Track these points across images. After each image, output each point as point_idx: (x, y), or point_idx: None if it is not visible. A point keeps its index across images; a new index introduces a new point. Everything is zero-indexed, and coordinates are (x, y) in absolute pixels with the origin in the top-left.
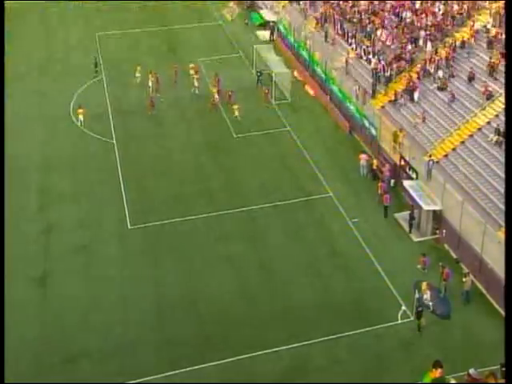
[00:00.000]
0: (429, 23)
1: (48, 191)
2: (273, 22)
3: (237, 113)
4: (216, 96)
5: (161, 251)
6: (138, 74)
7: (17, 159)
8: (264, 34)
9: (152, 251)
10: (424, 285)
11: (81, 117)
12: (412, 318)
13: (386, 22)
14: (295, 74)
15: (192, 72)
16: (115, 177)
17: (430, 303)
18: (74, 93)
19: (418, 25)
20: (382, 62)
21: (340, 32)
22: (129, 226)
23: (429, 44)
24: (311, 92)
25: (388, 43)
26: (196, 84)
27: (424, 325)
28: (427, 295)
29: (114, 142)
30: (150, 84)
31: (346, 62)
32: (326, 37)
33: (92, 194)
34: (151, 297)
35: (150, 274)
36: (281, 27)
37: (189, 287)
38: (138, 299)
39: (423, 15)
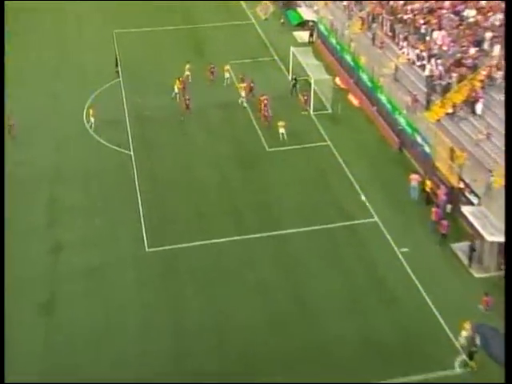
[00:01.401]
0: (497, 23)
1: (58, 205)
2: (312, 21)
3: (282, 130)
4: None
5: (181, 277)
6: (187, 72)
7: (25, 168)
8: (302, 36)
9: (171, 276)
10: (468, 325)
11: (92, 119)
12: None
13: (444, 21)
14: (337, 81)
15: (227, 75)
16: (132, 192)
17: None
18: (88, 97)
19: (484, 25)
20: (439, 69)
21: (390, 33)
22: (146, 248)
23: (496, 47)
24: (355, 102)
25: (446, 47)
26: (243, 94)
27: (475, 367)
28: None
29: (132, 152)
30: (176, 90)
31: (396, 68)
32: (373, 39)
33: (106, 210)
34: (170, 327)
35: (169, 302)
36: (321, 28)
37: (212, 317)
38: (156, 329)
39: (490, 13)
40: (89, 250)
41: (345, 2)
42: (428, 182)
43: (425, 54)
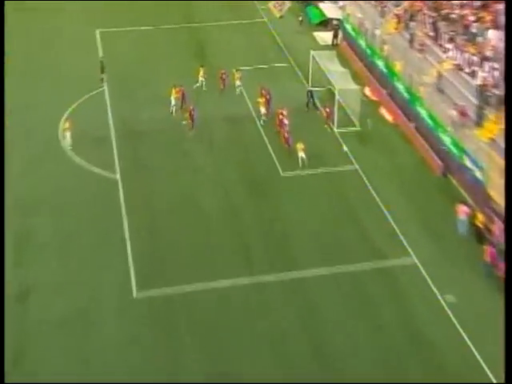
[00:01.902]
0: None
1: (27, 240)
2: (337, 20)
3: (302, 154)
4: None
5: (178, 330)
6: (201, 79)
7: None
8: (324, 37)
9: (165, 328)
10: None
11: (68, 134)
12: None
13: (500, 18)
14: (367, 91)
15: (238, 83)
16: (118, 224)
17: None
18: (66, 109)
19: None
20: (494, 76)
21: (432, 34)
22: (134, 294)
23: None
24: (389, 117)
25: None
26: (263, 111)
27: None
28: None
29: (118, 176)
30: (173, 102)
31: (440, 75)
32: (411, 41)
33: (85, 247)
34: None
35: (163, 360)
36: (348, 27)
37: (215, 376)
38: None
39: None
40: (64, 296)
41: None
42: (479, 215)
43: (476, 59)
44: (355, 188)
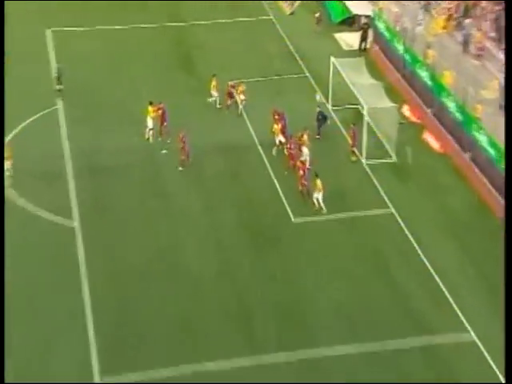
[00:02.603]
0: None
1: None
2: (366, 17)
3: (318, 195)
4: (280, 139)
5: None
6: (214, 93)
7: None
8: (349, 39)
9: None
10: None
11: (7, 164)
12: None
13: None
14: (406, 111)
15: (242, 98)
16: (75, 289)
17: None
18: (6, 133)
19: None
20: None
21: (493, 35)
22: (97, 379)
23: None
24: (435, 145)
25: None
26: (281, 139)
27: None
28: None
29: (76, 224)
30: (150, 124)
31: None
32: (465, 43)
33: (30, 318)
34: None
35: None
36: (380, 26)
37: None
38: None
39: None
40: None
41: None
42: None
43: None
44: (391, 239)
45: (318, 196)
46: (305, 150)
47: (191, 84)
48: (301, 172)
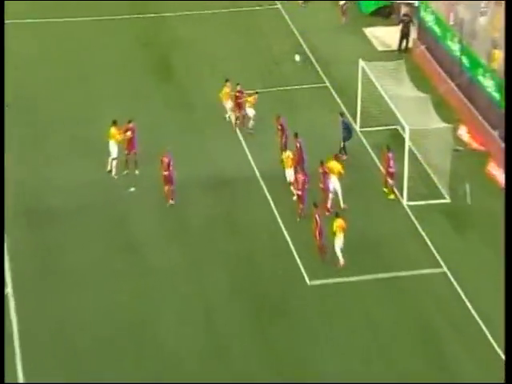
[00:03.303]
0: None
1: None
2: (408, 5)
3: (340, 243)
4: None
5: None
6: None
7: None
8: (385, 36)
9: None
10: None
11: None
12: None
13: None
14: (463, 133)
15: (251, 112)
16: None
17: None
18: None
19: None
20: None
21: None
22: None
23: None
24: (503, 179)
25: None
26: (291, 175)
27: None
28: None
29: (9, 290)
30: (114, 151)
31: None
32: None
33: None
34: None
35: None
36: (427, 18)
37: None
38: None
39: None
40: None
41: None
42: None
43: None
44: (442, 308)
45: (340, 245)
46: (333, 182)
47: (169, 95)
48: (316, 218)
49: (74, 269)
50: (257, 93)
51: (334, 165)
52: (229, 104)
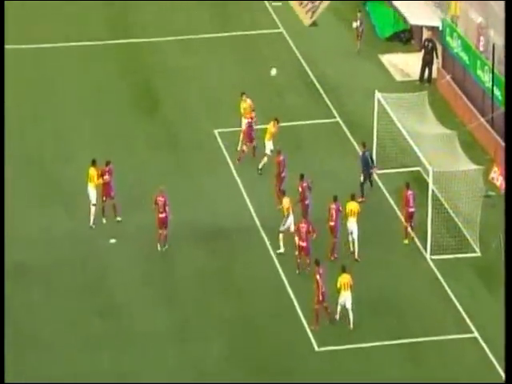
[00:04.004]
0: None
1: None
2: (431, 30)
3: (347, 302)
4: (302, 229)
5: None
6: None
7: None
8: (404, 64)
9: None
10: None
11: None
12: None
13: None
14: (496, 176)
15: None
16: None
17: None
18: None
19: None
20: None
21: None
22: None
23: None
24: None
25: None
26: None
27: None
28: None
29: None
30: (92, 196)
31: None
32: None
33: None
34: None
35: None
36: (454, 45)
37: None
38: None
39: None
40: None
41: None
42: None
43: None
44: (473, 377)
45: (345, 302)
46: (350, 224)
47: (154, 131)
48: (317, 278)
49: (45, 333)
50: (277, 121)
51: (352, 205)
52: (246, 120)
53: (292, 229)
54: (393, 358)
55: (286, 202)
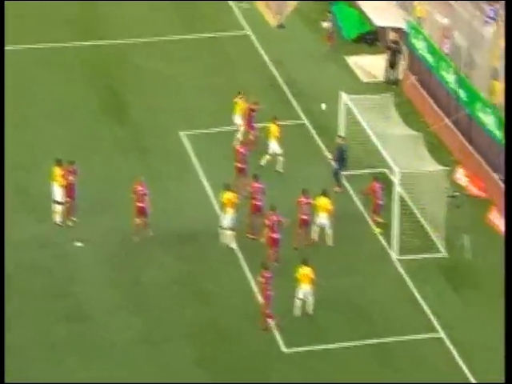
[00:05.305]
0: None
1: None
2: (396, 31)
3: (307, 295)
4: (272, 221)
5: None
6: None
7: None
8: (370, 66)
9: None
10: None
11: None
12: None
13: None
14: (461, 177)
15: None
16: None
17: None
18: None
19: None
20: None
21: None
22: None
23: None
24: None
25: None
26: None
27: None
28: None
29: None
30: (58, 195)
31: None
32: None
33: None
34: None
35: None
36: (419, 46)
37: None
38: None
39: None
40: None
41: None
42: None
43: None
44: (439, 377)
45: (306, 296)
46: (321, 218)
47: (121, 136)
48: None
49: (9, 341)
50: (276, 120)
51: (322, 201)
52: (238, 121)
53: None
54: (360, 358)
55: (228, 196)
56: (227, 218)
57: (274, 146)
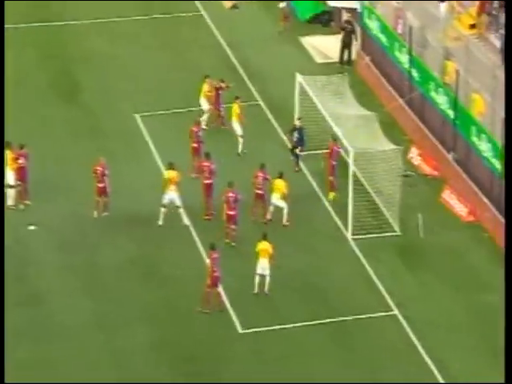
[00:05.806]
0: None
1: None
2: (350, 12)
3: (261, 272)
4: (230, 198)
5: None
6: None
7: None
8: (324, 46)
9: None
10: None
11: None
12: None
13: None
14: (414, 156)
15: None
16: None
17: None
18: None
19: None
20: None
21: None
22: None
23: None
24: (460, 208)
25: None
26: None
27: None
28: None
29: None
30: (10, 178)
31: None
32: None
33: None
34: None
35: None
36: (372, 27)
37: None
38: None
39: None
40: None
41: None
42: None
43: None
44: (393, 354)
45: (263, 270)
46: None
47: (74, 118)
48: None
49: None
50: (238, 98)
51: (279, 183)
52: (206, 105)
53: (178, 203)
54: (316, 337)
55: (171, 175)
56: (170, 196)
57: (235, 127)
